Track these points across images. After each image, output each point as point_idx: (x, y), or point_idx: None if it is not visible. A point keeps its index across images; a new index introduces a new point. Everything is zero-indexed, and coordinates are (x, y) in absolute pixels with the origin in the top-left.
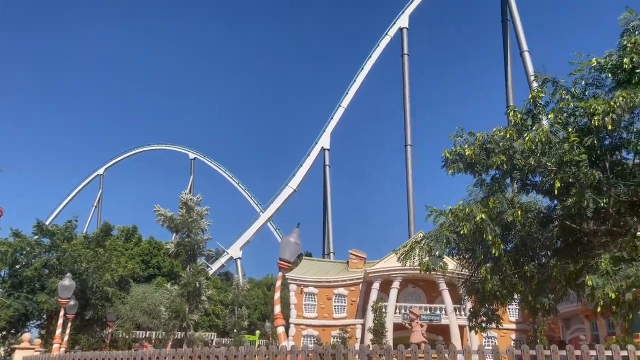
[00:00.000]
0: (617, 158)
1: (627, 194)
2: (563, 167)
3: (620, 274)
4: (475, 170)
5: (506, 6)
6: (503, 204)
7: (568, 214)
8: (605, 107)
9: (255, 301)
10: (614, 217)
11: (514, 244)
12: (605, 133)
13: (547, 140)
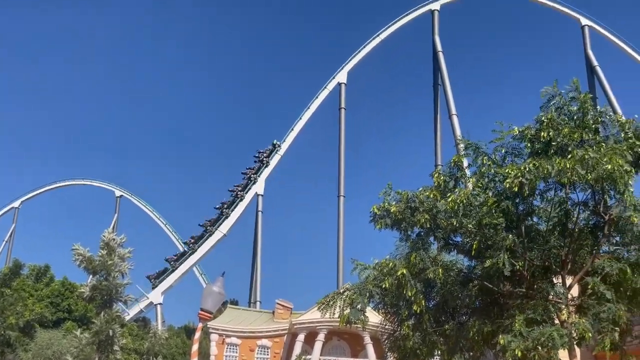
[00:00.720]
0: (531, 223)
1: (540, 259)
2: (482, 229)
3: (532, 335)
4: (401, 227)
5: (438, 72)
6: (425, 261)
7: (486, 274)
8: (516, 171)
9: (174, 350)
10: (529, 280)
11: (436, 302)
12: (520, 199)
13: (468, 202)
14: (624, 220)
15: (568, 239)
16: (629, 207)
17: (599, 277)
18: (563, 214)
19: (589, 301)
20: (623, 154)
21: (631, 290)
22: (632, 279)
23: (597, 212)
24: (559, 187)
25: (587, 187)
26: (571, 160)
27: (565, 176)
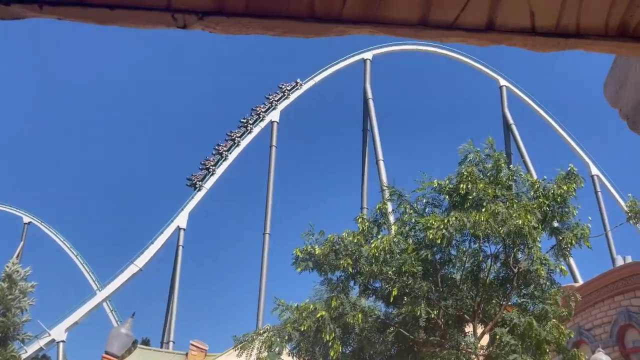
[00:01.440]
0: (447, 273)
1: (454, 308)
2: (401, 277)
3: None
4: (323, 270)
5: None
6: (345, 306)
7: (403, 321)
8: (439, 223)
9: None
10: (443, 329)
11: (353, 348)
12: (437, 248)
13: (389, 249)
14: (531, 273)
15: (480, 289)
16: (535, 260)
17: (507, 327)
18: (476, 265)
19: (497, 351)
20: (533, 211)
21: (536, 341)
22: (537, 331)
23: (507, 265)
24: (474, 239)
25: (498, 240)
26: (485, 214)
27: (480, 229)
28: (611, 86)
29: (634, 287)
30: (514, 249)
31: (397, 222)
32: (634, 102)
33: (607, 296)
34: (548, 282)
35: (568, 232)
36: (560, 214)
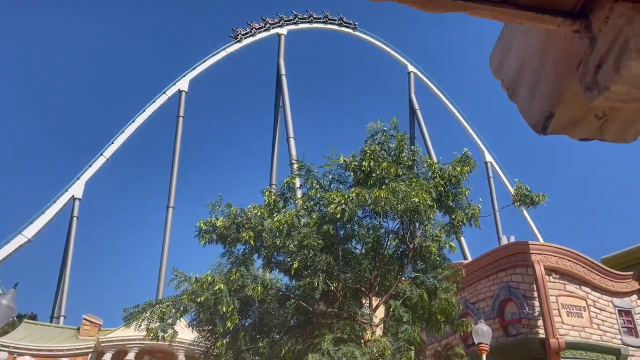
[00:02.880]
0: (348, 247)
1: (353, 281)
2: (303, 250)
3: (338, 354)
4: (226, 243)
5: (280, 94)
6: (246, 278)
7: (303, 294)
8: (340, 198)
9: None
10: (340, 301)
11: (252, 320)
12: (340, 224)
13: (292, 223)
14: (424, 249)
15: (378, 264)
16: (428, 237)
17: (401, 300)
18: (375, 240)
19: (390, 322)
20: (429, 191)
21: (427, 313)
22: (428, 303)
23: (404, 241)
24: (374, 215)
25: (397, 217)
26: (385, 191)
27: (379, 205)
28: (495, 57)
29: (515, 264)
30: (410, 225)
31: (303, 197)
32: (514, 72)
33: (491, 272)
34: (439, 258)
35: (460, 212)
36: (454, 194)
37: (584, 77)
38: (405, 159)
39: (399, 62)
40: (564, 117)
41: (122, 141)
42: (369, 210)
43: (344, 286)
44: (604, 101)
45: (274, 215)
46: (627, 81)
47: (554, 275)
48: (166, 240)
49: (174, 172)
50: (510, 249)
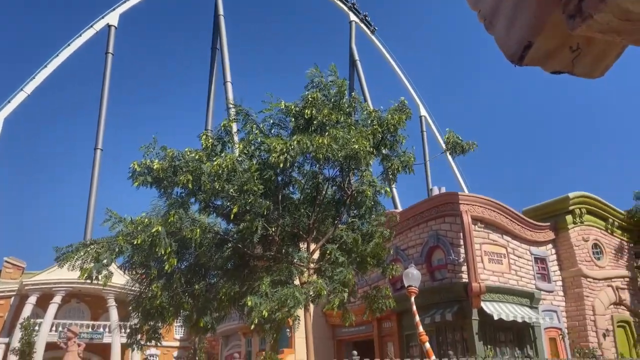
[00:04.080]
0: (287, 193)
1: (291, 225)
2: (242, 195)
3: (276, 296)
4: (161, 186)
5: (217, 36)
6: (184, 221)
7: (241, 237)
8: (282, 147)
9: None
10: (279, 245)
11: (189, 263)
12: (280, 169)
13: (232, 167)
14: (361, 195)
15: (316, 210)
16: (365, 182)
17: (337, 244)
18: (314, 186)
19: (326, 265)
20: (368, 138)
21: (360, 257)
22: (362, 247)
23: (342, 188)
24: (314, 162)
25: (336, 164)
26: (327, 138)
27: (321, 152)
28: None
29: (445, 214)
30: (349, 172)
31: (242, 142)
32: (493, 2)
33: (422, 221)
34: (375, 204)
35: (396, 159)
36: (391, 142)
37: (568, 4)
38: (345, 105)
39: (341, 10)
40: (541, 47)
41: (44, 76)
42: (309, 157)
43: (282, 231)
44: (585, 30)
45: (213, 159)
46: (610, 10)
47: (480, 224)
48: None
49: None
50: (441, 199)
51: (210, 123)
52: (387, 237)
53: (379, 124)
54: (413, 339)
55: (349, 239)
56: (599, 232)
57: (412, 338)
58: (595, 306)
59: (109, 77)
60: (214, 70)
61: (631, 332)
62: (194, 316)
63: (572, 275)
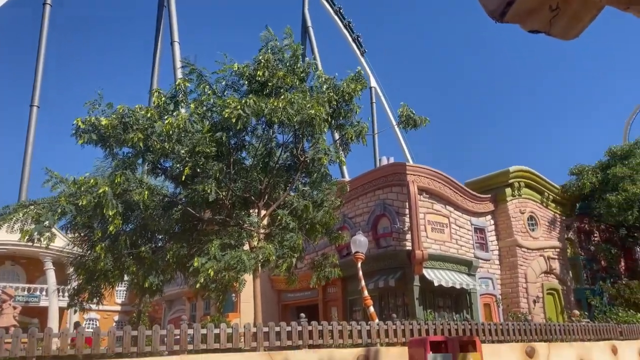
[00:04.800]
0: (239, 157)
1: (242, 190)
2: (194, 156)
3: (225, 258)
4: (108, 145)
5: None
6: (131, 182)
7: (191, 200)
8: (237, 104)
9: None
10: (229, 209)
11: (135, 225)
12: (233, 132)
13: (184, 128)
14: (315, 162)
15: (268, 175)
16: (320, 150)
17: (288, 210)
18: (267, 152)
19: (276, 230)
20: (323, 104)
21: (310, 223)
22: (312, 214)
23: (295, 154)
24: (267, 126)
25: (290, 130)
26: (282, 101)
27: (276, 115)
28: None
29: (392, 183)
30: (303, 138)
31: (194, 102)
32: None
33: (370, 190)
34: (327, 173)
35: (350, 128)
36: (346, 111)
37: None
38: (300, 70)
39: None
40: (523, 5)
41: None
42: (263, 121)
43: (233, 195)
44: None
45: (164, 118)
46: None
47: (425, 194)
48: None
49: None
50: (389, 169)
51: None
52: (337, 206)
53: (334, 92)
54: (356, 303)
55: (300, 206)
56: (535, 205)
57: (355, 303)
58: (528, 274)
59: (47, 29)
60: (161, 28)
61: (559, 299)
62: (140, 278)
63: (508, 245)
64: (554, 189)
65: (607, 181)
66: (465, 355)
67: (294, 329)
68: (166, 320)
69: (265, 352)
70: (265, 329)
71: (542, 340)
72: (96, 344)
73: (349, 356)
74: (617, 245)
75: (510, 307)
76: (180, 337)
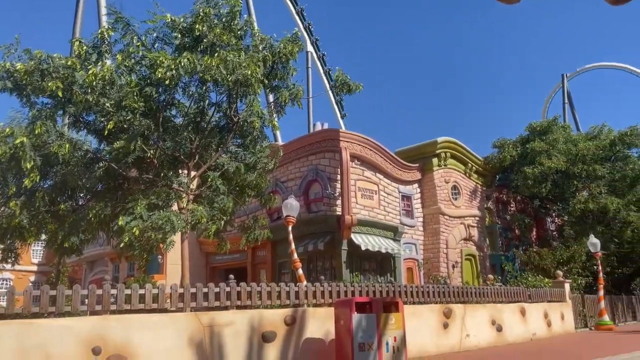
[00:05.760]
0: (169, 115)
1: (171, 149)
2: (120, 111)
3: (152, 218)
4: (24, 94)
5: None
6: (51, 134)
7: (116, 157)
8: (170, 62)
9: None
10: (156, 168)
11: (54, 181)
12: (163, 89)
13: (110, 80)
14: (248, 124)
15: (200, 135)
16: (254, 113)
17: (219, 172)
18: (199, 111)
19: (207, 192)
20: (258, 65)
21: (241, 186)
22: (244, 177)
23: (228, 115)
24: (200, 84)
25: (224, 89)
26: (217, 59)
27: (210, 74)
28: None
29: (325, 149)
30: (237, 99)
31: (120, 54)
32: None
33: (303, 155)
34: (261, 136)
35: (285, 91)
36: (282, 72)
37: None
38: (237, 28)
39: None
40: None
41: None
42: (196, 78)
43: (162, 154)
44: None
45: (88, 69)
46: None
47: (357, 161)
48: None
49: None
50: (323, 135)
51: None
52: (270, 170)
53: (271, 52)
54: (285, 266)
55: (232, 168)
56: (459, 175)
57: (284, 266)
58: (449, 241)
59: None
60: None
61: (475, 264)
62: (59, 237)
63: (432, 213)
64: (477, 161)
65: (525, 155)
66: (388, 316)
67: (222, 290)
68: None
69: (192, 312)
70: (192, 289)
71: (458, 302)
72: (10, 303)
73: (276, 316)
74: (530, 215)
75: (431, 271)
76: (103, 297)
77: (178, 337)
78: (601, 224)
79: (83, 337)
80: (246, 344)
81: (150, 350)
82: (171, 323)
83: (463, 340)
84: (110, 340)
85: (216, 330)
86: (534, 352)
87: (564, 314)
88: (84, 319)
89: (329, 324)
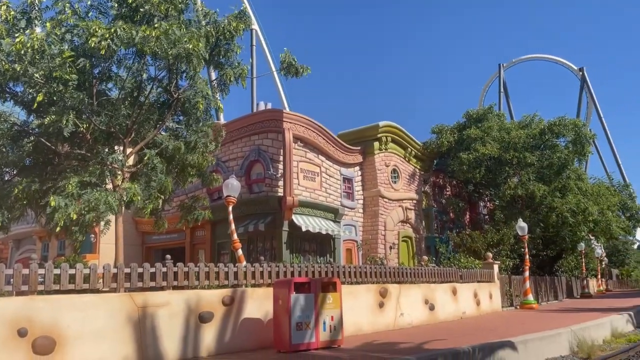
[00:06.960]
0: (104, 88)
1: (106, 124)
2: (50, 82)
3: (85, 198)
4: None
5: None
6: None
7: (45, 132)
8: (105, 32)
9: None
10: (90, 143)
11: None
12: (98, 60)
13: (40, 49)
14: (189, 101)
15: (137, 111)
16: (198, 93)
17: (157, 150)
18: (137, 85)
19: (144, 170)
20: (201, 40)
21: (181, 166)
22: (184, 156)
23: (168, 91)
24: (138, 57)
25: (163, 64)
26: (157, 30)
27: (148, 46)
28: None
29: (268, 130)
30: (177, 75)
31: (52, 21)
32: None
33: (245, 135)
34: (206, 114)
35: (230, 69)
36: (226, 49)
37: None
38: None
39: None
40: None
41: None
42: (133, 50)
43: (96, 129)
44: None
45: (15, 36)
46: None
47: (299, 143)
48: None
49: None
50: (266, 115)
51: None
52: (212, 150)
53: (214, 28)
54: (225, 247)
55: (171, 146)
56: (399, 159)
57: (224, 246)
58: (387, 223)
59: None
60: None
61: (412, 246)
62: None
63: (372, 195)
64: (416, 145)
65: (462, 141)
66: (326, 295)
67: (158, 270)
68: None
69: (125, 293)
70: (126, 269)
71: (394, 282)
72: None
73: (214, 297)
74: (464, 199)
75: (369, 252)
76: (30, 277)
77: (110, 318)
78: (529, 209)
79: (8, 319)
80: (182, 325)
81: (80, 332)
82: (103, 304)
83: (397, 318)
84: (37, 322)
85: (151, 311)
86: (463, 329)
87: (492, 294)
88: (8, 299)
89: (268, 304)
